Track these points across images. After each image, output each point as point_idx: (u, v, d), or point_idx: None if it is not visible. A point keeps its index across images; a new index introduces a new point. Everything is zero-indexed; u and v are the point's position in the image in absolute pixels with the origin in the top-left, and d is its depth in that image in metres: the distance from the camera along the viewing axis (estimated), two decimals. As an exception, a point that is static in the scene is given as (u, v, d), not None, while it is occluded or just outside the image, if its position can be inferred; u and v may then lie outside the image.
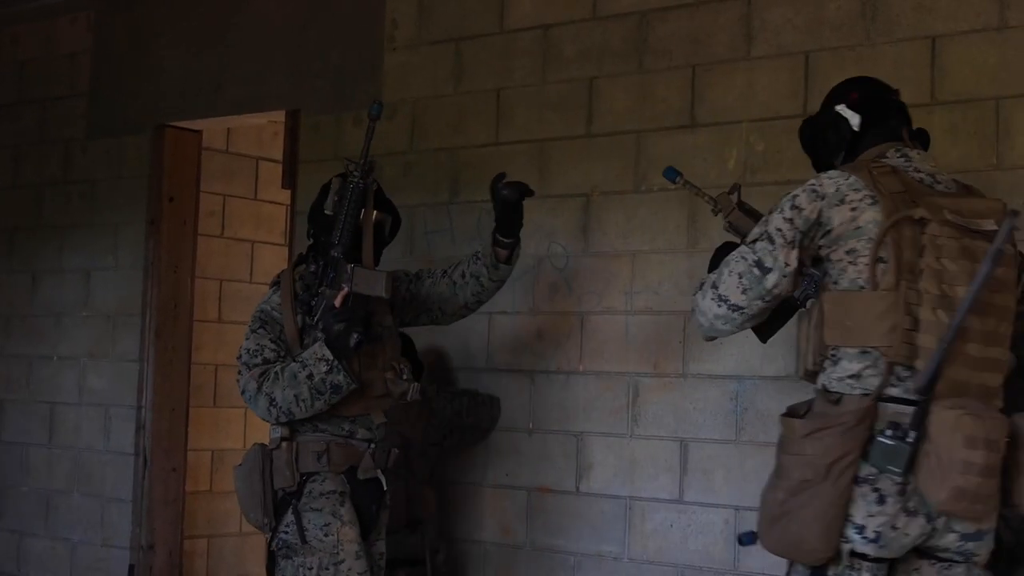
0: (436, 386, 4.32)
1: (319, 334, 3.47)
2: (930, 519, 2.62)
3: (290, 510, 3.49)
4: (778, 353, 3.82)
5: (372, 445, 3.56)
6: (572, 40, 4.37)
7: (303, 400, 3.42)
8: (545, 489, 4.31)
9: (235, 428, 6.18)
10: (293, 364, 3.44)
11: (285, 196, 5.43)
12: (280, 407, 3.44)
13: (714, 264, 3.04)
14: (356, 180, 3.50)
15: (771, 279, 2.73)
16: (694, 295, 2.89)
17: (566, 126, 4.36)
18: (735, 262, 2.78)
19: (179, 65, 5.52)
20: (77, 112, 5.90)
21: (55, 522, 5.78)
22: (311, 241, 3.69)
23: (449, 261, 3.96)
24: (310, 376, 3.40)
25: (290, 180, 5.13)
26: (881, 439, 2.58)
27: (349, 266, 3.47)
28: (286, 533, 3.50)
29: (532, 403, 4.36)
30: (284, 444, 3.52)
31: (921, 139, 2.96)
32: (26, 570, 5.86)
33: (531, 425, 4.36)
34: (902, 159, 2.81)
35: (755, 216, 3.05)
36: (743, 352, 3.90)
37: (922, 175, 2.78)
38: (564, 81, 4.38)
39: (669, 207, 4.11)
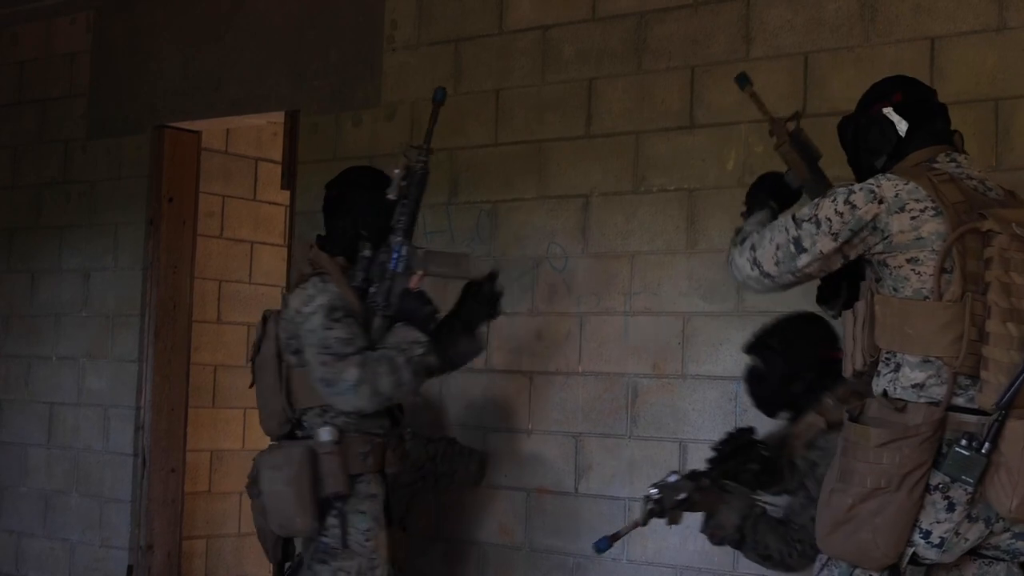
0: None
1: (379, 319, 3.45)
2: (988, 524, 2.64)
3: (334, 513, 3.45)
4: (777, 354, 3.82)
5: (390, 439, 3.58)
6: (571, 41, 4.37)
7: (403, 384, 3.39)
8: (544, 490, 4.31)
9: (234, 428, 6.18)
10: (387, 350, 3.40)
11: (284, 197, 5.43)
12: (383, 394, 3.39)
13: (751, 195, 3.11)
14: (423, 165, 3.51)
15: (803, 259, 2.76)
16: (732, 247, 2.91)
17: (565, 127, 4.36)
18: (778, 231, 2.81)
19: (178, 65, 5.52)
20: (77, 112, 5.90)
21: (54, 522, 5.78)
22: (334, 231, 3.61)
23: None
24: (409, 360, 3.39)
25: (289, 181, 5.13)
26: (958, 449, 2.57)
27: (420, 250, 3.47)
28: (326, 536, 3.46)
29: (531, 404, 4.36)
30: (336, 447, 3.44)
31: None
32: (25, 570, 5.86)
33: (530, 426, 4.36)
34: (953, 164, 2.80)
35: (806, 151, 3.10)
36: (742, 353, 3.89)
37: (975, 182, 2.78)
38: (563, 82, 4.37)
39: (668, 208, 4.11)
